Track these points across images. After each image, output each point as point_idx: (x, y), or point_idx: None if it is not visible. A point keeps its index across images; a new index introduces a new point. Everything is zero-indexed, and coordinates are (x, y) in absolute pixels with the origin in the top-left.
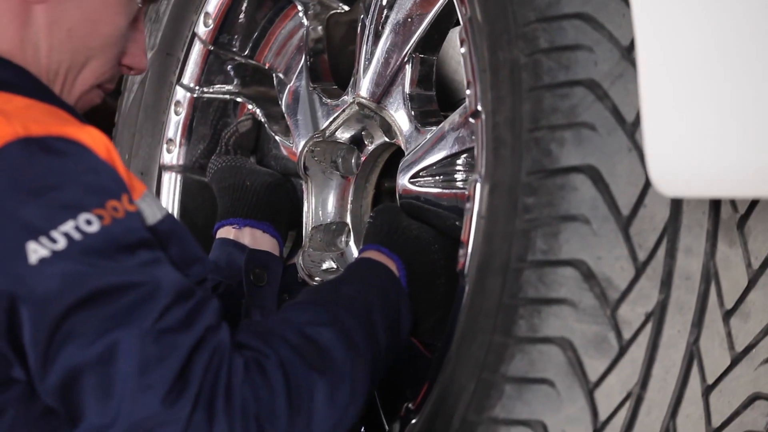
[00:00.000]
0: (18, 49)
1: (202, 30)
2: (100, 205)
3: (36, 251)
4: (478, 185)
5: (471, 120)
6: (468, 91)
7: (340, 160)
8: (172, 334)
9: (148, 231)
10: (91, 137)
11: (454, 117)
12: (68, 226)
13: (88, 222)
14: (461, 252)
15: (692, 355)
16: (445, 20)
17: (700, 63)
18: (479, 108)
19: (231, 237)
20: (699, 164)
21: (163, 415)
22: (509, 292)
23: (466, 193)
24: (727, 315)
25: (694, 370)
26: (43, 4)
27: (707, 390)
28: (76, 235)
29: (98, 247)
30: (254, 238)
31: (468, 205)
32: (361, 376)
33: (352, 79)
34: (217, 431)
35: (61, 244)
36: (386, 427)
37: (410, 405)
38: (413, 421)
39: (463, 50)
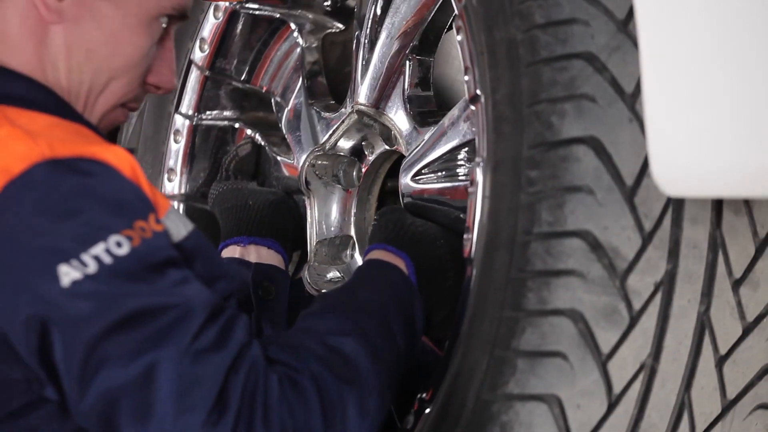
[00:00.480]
0: (38, 69)
1: (198, 56)
2: (128, 226)
3: (68, 274)
4: (480, 168)
5: (471, 106)
6: (466, 78)
7: (341, 173)
8: (208, 353)
9: (175, 249)
10: (117, 156)
11: (453, 112)
12: (99, 249)
13: (119, 244)
14: (466, 237)
15: (704, 325)
16: (440, 21)
17: (704, 65)
18: (478, 92)
19: (236, 255)
20: (703, 165)
21: None
22: (517, 266)
23: (469, 182)
24: (737, 284)
25: (706, 340)
26: (61, 25)
27: (720, 361)
28: (107, 259)
29: (129, 269)
30: (259, 255)
31: (471, 190)
32: (387, 383)
33: (350, 88)
34: None
35: (92, 267)
36: (398, 423)
37: (423, 395)
38: (427, 410)
39: (459, 38)
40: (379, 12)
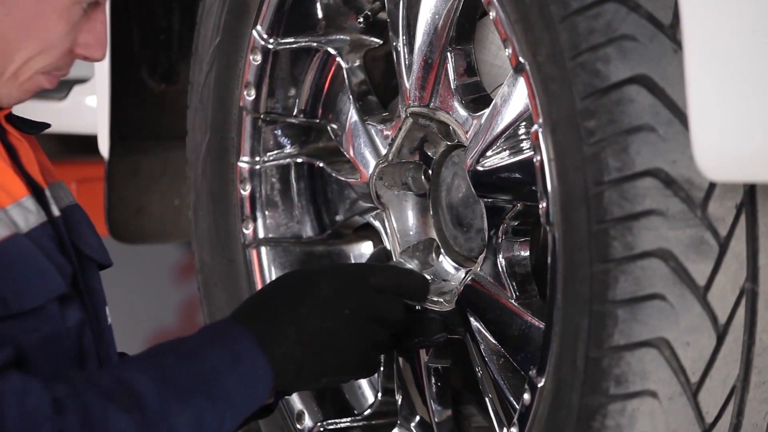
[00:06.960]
0: None
1: (247, 101)
2: None
3: None
4: (540, 133)
5: (517, 76)
6: (507, 51)
7: (410, 179)
8: None
9: None
10: None
11: (503, 88)
12: None
13: None
14: (542, 205)
15: None
16: (472, 6)
17: (748, 48)
18: (521, 59)
19: None
20: (746, 149)
21: None
22: (596, 218)
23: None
24: None
25: None
26: None
27: None
28: None
29: None
30: None
31: (537, 157)
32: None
33: (399, 95)
34: None
35: None
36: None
37: (534, 372)
38: (541, 384)
39: (492, 15)
40: (410, 14)
